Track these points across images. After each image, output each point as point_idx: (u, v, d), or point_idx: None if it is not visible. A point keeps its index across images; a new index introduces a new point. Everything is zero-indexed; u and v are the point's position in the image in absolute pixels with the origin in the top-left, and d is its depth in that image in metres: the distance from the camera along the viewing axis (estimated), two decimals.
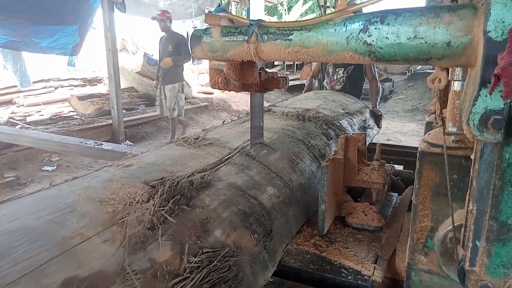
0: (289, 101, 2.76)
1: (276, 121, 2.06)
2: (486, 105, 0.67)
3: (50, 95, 7.99)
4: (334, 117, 2.29)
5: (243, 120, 2.10)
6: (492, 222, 0.74)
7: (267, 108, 2.29)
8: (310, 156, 1.79)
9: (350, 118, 2.52)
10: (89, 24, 5.87)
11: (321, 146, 1.91)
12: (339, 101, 2.78)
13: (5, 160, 4.84)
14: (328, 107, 2.52)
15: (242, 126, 1.95)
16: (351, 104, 2.84)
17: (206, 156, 1.44)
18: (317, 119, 2.15)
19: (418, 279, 1.05)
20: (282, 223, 1.31)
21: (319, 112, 2.30)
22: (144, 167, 1.30)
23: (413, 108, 10.16)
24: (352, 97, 3.08)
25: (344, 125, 2.31)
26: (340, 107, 2.62)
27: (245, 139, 1.67)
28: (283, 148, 1.70)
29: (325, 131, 2.09)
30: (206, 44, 1.13)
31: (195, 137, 1.64)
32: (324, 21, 0.91)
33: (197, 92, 9.77)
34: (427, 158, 0.97)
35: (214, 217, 1.09)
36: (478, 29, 0.69)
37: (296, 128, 1.96)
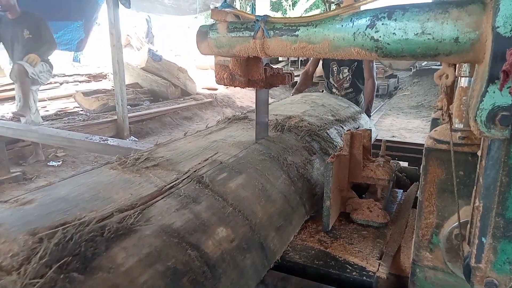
0: (272, 106, 2.32)
1: (249, 132, 1.67)
2: (494, 101, 0.66)
3: (55, 91, 8.03)
4: (320, 126, 1.94)
5: (209, 132, 1.70)
6: (498, 218, 0.74)
7: (244, 115, 1.96)
8: (284, 178, 1.41)
9: (340, 126, 2.17)
10: (94, 20, 5.90)
11: (300, 164, 1.55)
12: (329, 106, 2.41)
13: (11, 155, 4.88)
14: (316, 114, 2.14)
15: (206, 139, 1.56)
16: (343, 109, 2.47)
17: (143, 185, 1.08)
18: (299, 129, 1.79)
19: (423, 276, 1.05)
20: (234, 278, 0.98)
21: (303, 120, 1.94)
22: (48, 204, 0.92)
23: (418, 105, 10.11)
24: (346, 101, 2.72)
25: (332, 135, 1.96)
26: (329, 113, 2.26)
27: (204, 157, 1.30)
28: (250, 169, 1.33)
29: (308, 144, 1.72)
30: (212, 40, 1.13)
31: (136, 157, 1.27)
32: (331, 16, 0.91)
33: (201, 88, 9.79)
34: (433, 155, 0.96)
35: (124, 285, 0.74)
36: (486, 24, 0.69)
37: (271, 142, 1.58)
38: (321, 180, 1.58)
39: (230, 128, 1.78)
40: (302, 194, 1.44)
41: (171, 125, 7.63)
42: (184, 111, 8.28)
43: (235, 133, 1.68)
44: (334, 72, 3.49)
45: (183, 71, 9.18)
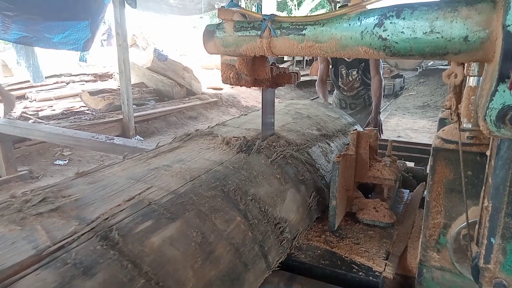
0: (248, 117, 2.02)
1: (205, 155, 1.34)
2: (504, 100, 0.66)
3: (62, 90, 8.10)
4: (300, 144, 1.60)
5: (156, 153, 1.37)
6: (508, 219, 0.74)
7: (208, 131, 1.64)
8: (239, 221, 1.07)
9: (326, 142, 1.81)
10: (100, 19, 5.92)
11: (266, 199, 1.22)
12: (315, 118, 2.05)
13: (18, 154, 4.92)
14: (297, 127, 1.81)
15: (147, 164, 1.24)
16: (331, 122, 2.10)
17: (17, 246, 0.74)
18: (272, 150, 1.46)
19: (430, 276, 1.04)
20: None
21: (280, 136, 1.60)
22: None
23: (424, 105, 10.05)
24: (337, 111, 2.38)
25: (315, 155, 1.63)
26: (315, 127, 1.90)
27: (129, 195, 0.98)
28: (190, 212, 0.99)
29: (280, 170, 1.39)
30: (219, 39, 1.13)
31: (28, 197, 0.92)
32: (338, 15, 0.90)
33: (206, 88, 9.81)
34: (441, 154, 0.96)
35: None
36: (497, 23, 0.68)
37: (230, 169, 1.25)
38: (294, 218, 1.30)
39: (186, 148, 1.43)
40: (264, 241, 1.11)
41: (177, 125, 7.66)
42: (189, 110, 8.30)
43: (189, 155, 1.35)
44: (344, 76, 3.53)
45: (189, 71, 9.21)
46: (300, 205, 1.37)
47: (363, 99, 3.66)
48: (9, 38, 5.39)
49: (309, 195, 1.43)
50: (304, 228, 1.34)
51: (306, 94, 12.39)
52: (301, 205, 1.37)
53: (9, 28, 5.17)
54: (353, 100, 3.70)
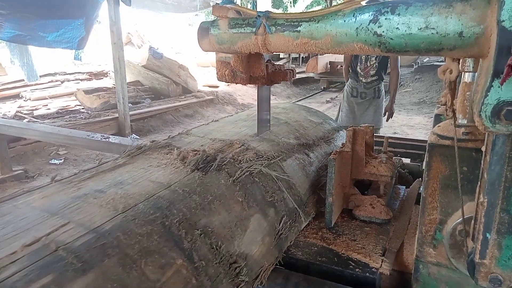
0: (219, 124, 1.80)
1: (152, 175, 1.11)
2: (499, 96, 0.66)
3: (56, 89, 8.04)
4: (273, 157, 1.37)
5: (91, 174, 1.14)
6: (503, 214, 0.74)
7: (165, 142, 1.42)
8: (180, 266, 0.85)
9: (305, 153, 1.58)
10: (95, 17, 5.87)
11: (221, 232, 1.00)
12: (295, 124, 1.81)
13: (13, 153, 4.89)
14: (272, 136, 1.58)
15: (76, 189, 1.03)
16: (313, 128, 1.86)
17: None
18: (236, 165, 1.24)
19: (426, 272, 1.05)
20: None
21: (250, 148, 1.38)
22: None
23: (420, 101, 10.08)
24: (320, 115, 2.13)
25: (290, 168, 1.40)
26: (292, 135, 1.67)
27: (35, 236, 0.76)
28: (112, 258, 0.76)
29: (244, 191, 1.16)
30: (214, 36, 1.12)
31: None
32: (333, 12, 0.90)
33: (202, 86, 9.78)
34: (437, 150, 0.96)
35: None
36: (491, 18, 0.68)
37: (179, 193, 1.02)
38: (257, 252, 1.09)
39: (132, 166, 1.20)
40: None
41: (173, 123, 7.64)
42: (185, 108, 8.28)
43: (133, 175, 1.11)
44: (363, 60, 3.79)
45: (184, 69, 9.18)
46: (267, 233, 1.15)
47: (373, 90, 3.87)
48: (3, 37, 5.34)
49: (279, 220, 1.22)
50: (271, 263, 1.13)
51: (303, 91, 12.38)
52: (268, 234, 1.15)
53: (2, 27, 5.12)
54: (365, 89, 3.89)
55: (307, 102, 10.68)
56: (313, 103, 10.60)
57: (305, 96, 11.61)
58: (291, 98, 11.26)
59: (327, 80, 11.89)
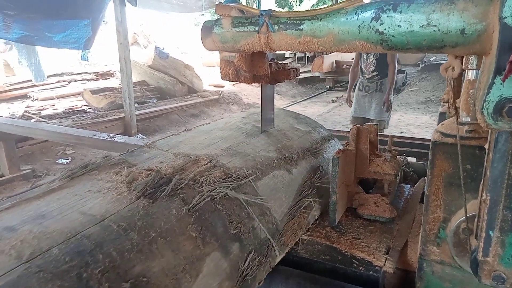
0: (190, 134, 1.53)
1: (85, 204, 0.90)
2: (501, 93, 0.66)
3: (63, 89, 8.11)
4: (243, 176, 1.17)
5: (12, 203, 0.93)
6: (506, 212, 0.74)
7: (119, 159, 1.21)
8: None
9: (286, 169, 1.37)
10: (101, 18, 5.91)
11: (162, 282, 0.80)
12: (278, 134, 1.58)
13: (21, 153, 4.95)
14: (248, 149, 1.37)
15: None
16: (299, 138, 1.63)
17: None
18: (196, 189, 1.03)
19: (430, 270, 1.04)
20: None
21: (218, 165, 1.18)
22: None
23: (426, 100, 10.01)
24: (310, 122, 1.90)
25: (265, 190, 1.21)
26: (273, 147, 1.45)
27: None
28: None
29: (200, 223, 0.95)
30: (217, 35, 1.13)
31: None
32: (336, 10, 0.90)
33: (208, 85, 9.80)
34: (440, 148, 0.96)
35: None
36: (493, 15, 0.68)
37: (112, 230, 0.82)
38: None
39: (66, 191, 0.98)
40: None
41: (178, 123, 7.67)
42: (191, 108, 8.31)
43: (62, 204, 0.90)
44: (364, 58, 4.24)
45: (190, 69, 9.21)
46: (227, 277, 0.94)
47: (375, 84, 4.27)
48: (11, 37, 5.39)
49: (245, 258, 1.00)
50: None
51: (308, 91, 12.36)
52: (228, 277, 0.94)
53: (10, 27, 5.17)
54: (368, 83, 4.32)
55: (312, 102, 10.67)
56: (319, 102, 10.58)
57: (311, 96, 11.59)
58: (296, 97, 11.25)
59: (332, 79, 11.86)
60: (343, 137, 2.80)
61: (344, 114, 8.47)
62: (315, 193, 1.43)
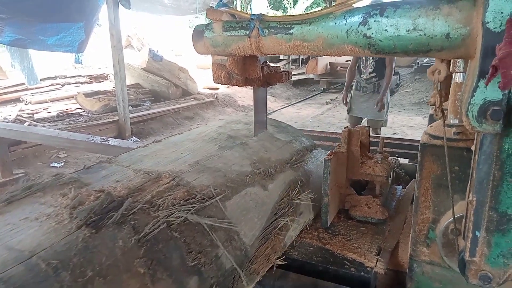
0: (157, 147, 1.40)
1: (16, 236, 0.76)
2: (485, 96, 0.67)
3: (57, 93, 8.06)
4: (210, 196, 1.04)
5: None
6: (492, 212, 0.75)
7: (70, 178, 1.05)
8: None
9: (261, 185, 1.24)
10: (95, 21, 5.90)
11: None
12: (254, 145, 1.46)
13: (14, 157, 4.91)
14: (220, 163, 1.24)
15: None
16: (277, 149, 1.51)
17: None
18: (151, 213, 0.91)
19: (421, 271, 1.06)
20: None
21: (181, 184, 1.04)
22: None
23: (419, 102, 10.08)
24: (291, 131, 1.76)
25: (234, 211, 1.07)
26: (248, 160, 1.33)
27: None
28: None
29: (151, 256, 0.83)
30: (208, 39, 1.13)
31: None
32: (325, 14, 0.91)
33: (202, 88, 9.80)
34: (429, 150, 0.97)
35: None
36: (477, 20, 0.69)
37: (39, 270, 0.68)
38: None
39: (2, 218, 0.86)
40: None
41: (173, 125, 7.65)
42: (185, 111, 8.30)
43: None
44: (364, 59, 4.31)
45: (184, 71, 9.20)
46: None
47: (373, 85, 4.34)
48: (3, 41, 5.37)
49: None
50: None
51: (303, 93, 12.39)
52: None
53: (2, 31, 5.15)
54: (366, 84, 4.39)
55: (307, 104, 10.70)
56: (313, 104, 10.61)
57: (305, 98, 11.62)
58: (291, 99, 11.27)
59: (327, 81, 11.91)
60: (336, 139, 2.82)
61: (338, 116, 8.50)
62: (293, 211, 1.29)
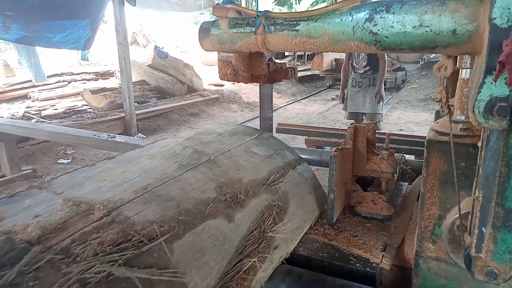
0: (107, 165, 1.14)
1: None
2: (491, 92, 0.67)
3: (63, 89, 8.12)
4: (152, 236, 0.79)
5: None
6: (498, 208, 0.75)
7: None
8: None
9: (226, 215, 0.99)
10: (100, 18, 5.92)
11: None
12: (226, 162, 1.21)
13: (22, 153, 4.96)
14: (175, 189, 0.98)
15: None
16: (253, 167, 1.26)
17: None
18: (63, 267, 0.64)
19: (426, 267, 1.06)
20: None
21: (117, 220, 0.79)
22: None
23: (426, 98, 10.01)
24: (273, 144, 1.49)
25: (185, 253, 0.82)
26: (213, 183, 1.07)
27: None
28: None
29: None
30: (214, 36, 1.14)
31: None
32: (331, 11, 0.91)
33: (207, 84, 9.81)
34: (435, 147, 0.97)
35: None
36: (483, 16, 0.69)
37: None
38: None
39: None
40: None
41: (178, 122, 7.69)
42: (191, 107, 8.32)
43: None
44: (356, 55, 4.41)
45: (189, 68, 9.22)
46: None
47: (368, 79, 4.45)
48: (10, 38, 5.40)
49: None
50: None
51: (308, 89, 12.37)
52: None
53: (10, 28, 5.18)
54: (361, 79, 4.49)
55: (312, 100, 10.68)
56: (319, 100, 10.59)
57: (311, 94, 11.59)
58: (296, 95, 11.26)
59: (332, 77, 11.87)
60: (342, 135, 2.82)
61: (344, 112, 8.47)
62: (266, 245, 1.00)
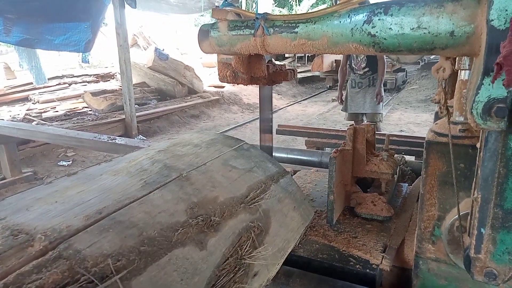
0: (65, 183, 0.97)
1: None
2: (489, 93, 0.67)
3: (64, 92, 8.14)
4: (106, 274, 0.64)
5: None
6: (497, 209, 0.75)
7: None
8: None
9: (197, 241, 0.84)
10: (101, 20, 5.94)
11: None
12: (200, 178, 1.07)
13: (22, 155, 4.97)
14: (138, 213, 0.83)
15: None
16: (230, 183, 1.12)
17: None
18: None
19: (426, 268, 1.06)
20: None
21: (64, 256, 0.64)
22: None
23: (426, 98, 10.01)
24: (254, 156, 1.36)
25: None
26: (184, 204, 0.93)
27: None
28: None
29: None
30: (214, 38, 1.14)
31: None
32: (329, 13, 0.92)
33: (208, 86, 9.82)
34: (434, 148, 0.97)
35: None
36: (481, 18, 0.69)
37: None
38: None
39: None
40: None
41: (179, 124, 7.70)
42: (191, 109, 8.33)
43: None
44: (354, 57, 4.41)
45: (190, 69, 9.23)
46: None
47: (368, 79, 4.46)
48: (11, 41, 5.42)
49: None
50: None
51: (308, 90, 12.38)
52: None
53: (10, 31, 5.20)
54: (361, 80, 4.50)
55: (312, 101, 10.68)
56: (319, 101, 10.59)
57: (311, 95, 11.60)
58: (296, 97, 11.27)
59: (332, 78, 11.87)
60: (342, 136, 2.82)
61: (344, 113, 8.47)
62: (243, 274, 0.88)
